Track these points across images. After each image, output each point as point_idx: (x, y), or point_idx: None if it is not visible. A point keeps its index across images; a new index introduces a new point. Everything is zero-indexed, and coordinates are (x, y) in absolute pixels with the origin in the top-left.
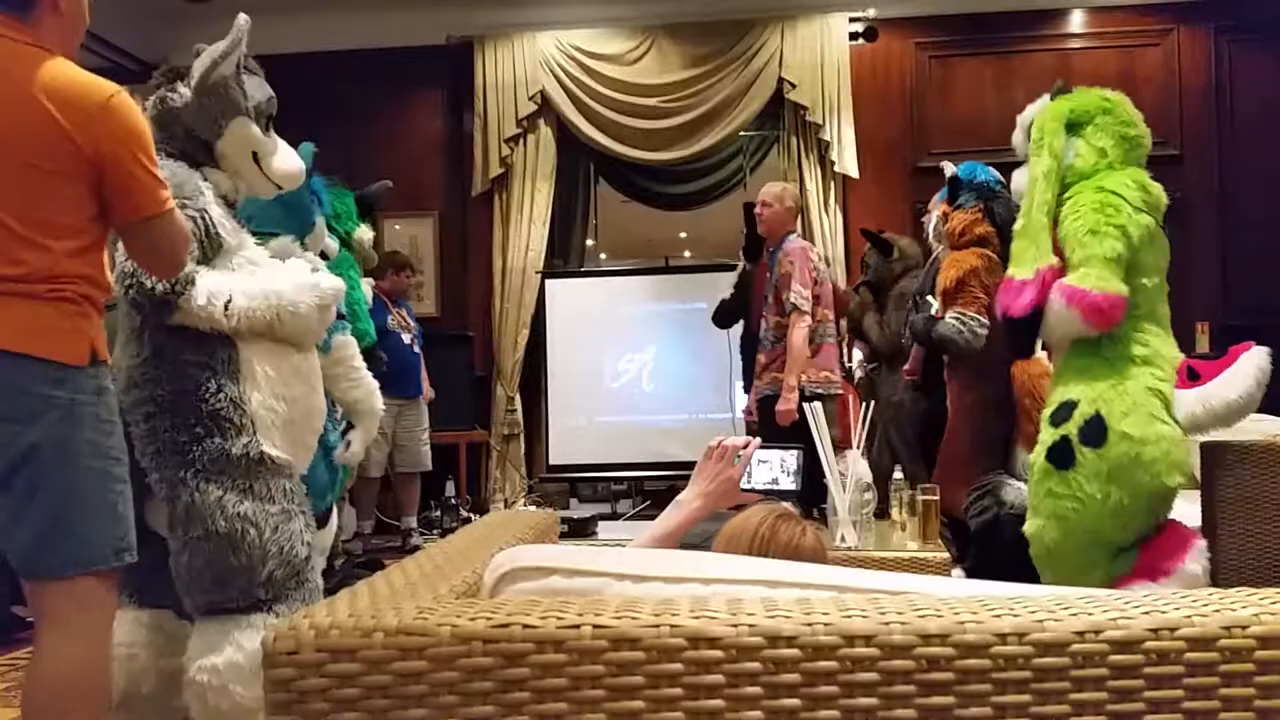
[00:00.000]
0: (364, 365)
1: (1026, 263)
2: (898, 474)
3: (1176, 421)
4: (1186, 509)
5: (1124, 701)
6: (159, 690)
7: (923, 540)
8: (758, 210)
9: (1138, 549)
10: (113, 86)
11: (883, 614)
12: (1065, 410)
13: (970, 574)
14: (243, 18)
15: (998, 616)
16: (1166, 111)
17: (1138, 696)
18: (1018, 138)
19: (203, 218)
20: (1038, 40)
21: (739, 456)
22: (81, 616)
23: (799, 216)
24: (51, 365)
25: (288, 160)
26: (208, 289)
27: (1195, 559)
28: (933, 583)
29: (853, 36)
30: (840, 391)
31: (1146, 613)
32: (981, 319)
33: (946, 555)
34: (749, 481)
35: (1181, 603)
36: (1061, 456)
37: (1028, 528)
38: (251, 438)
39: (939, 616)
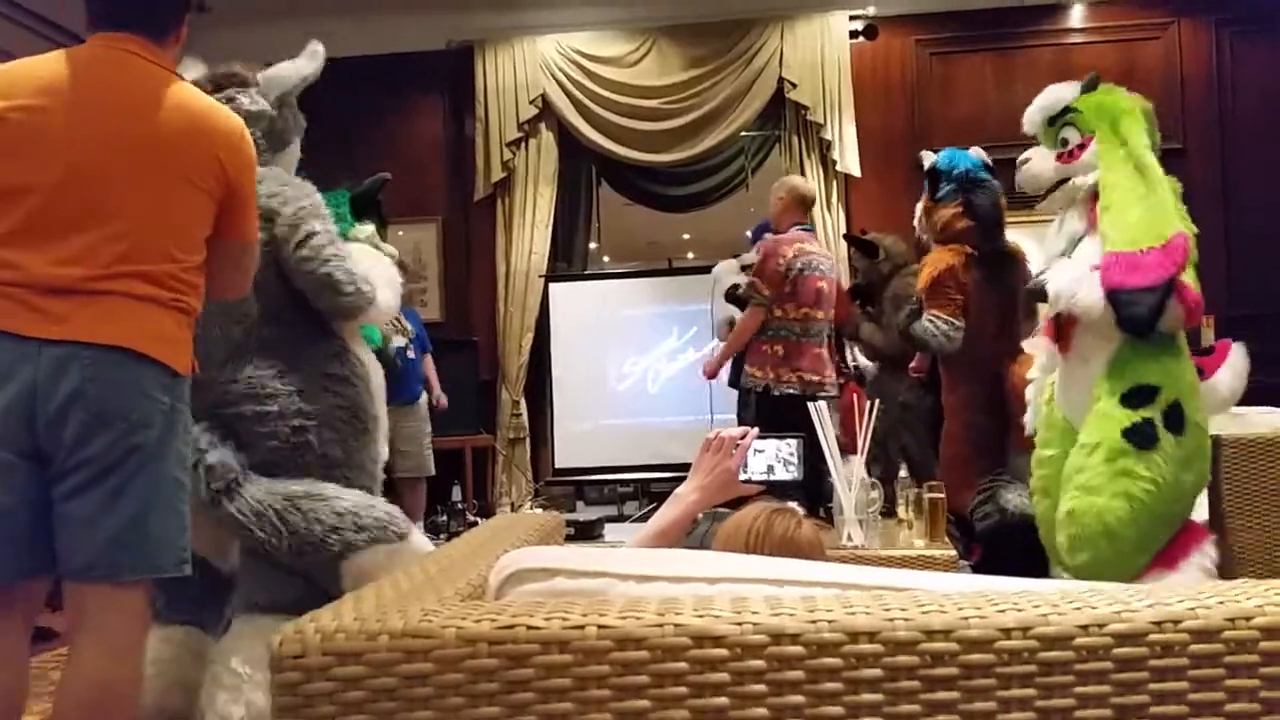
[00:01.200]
0: None
1: (1159, 232)
2: (903, 473)
3: None
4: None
5: (1128, 694)
6: (182, 706)
7: (930, 538)
8: None
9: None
10: (240, 119)
11: (886, 610)
12: (1145, 393)
13: (978, 573)
14: (320, 47)
15: (1001, 611)
16: (1168, 104)
17: (1142, 689)
18: (1036, 117)
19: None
20: (1038, 35)
21: (736, 447)
22: (123, 625)
23: (802, 206)
24: (166, 371)
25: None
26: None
27: (1205, 554)
28: (936, 578)
29: (853, 35)
30: (831, 393)
31: (1150, 605)
32: (955, 321)
33: (953, 553)
34: (747, 472)
35: (1185, 595)
36: (1144, 437)
37: (1074, 504)
38: (382, 462)
39: (943, 612)
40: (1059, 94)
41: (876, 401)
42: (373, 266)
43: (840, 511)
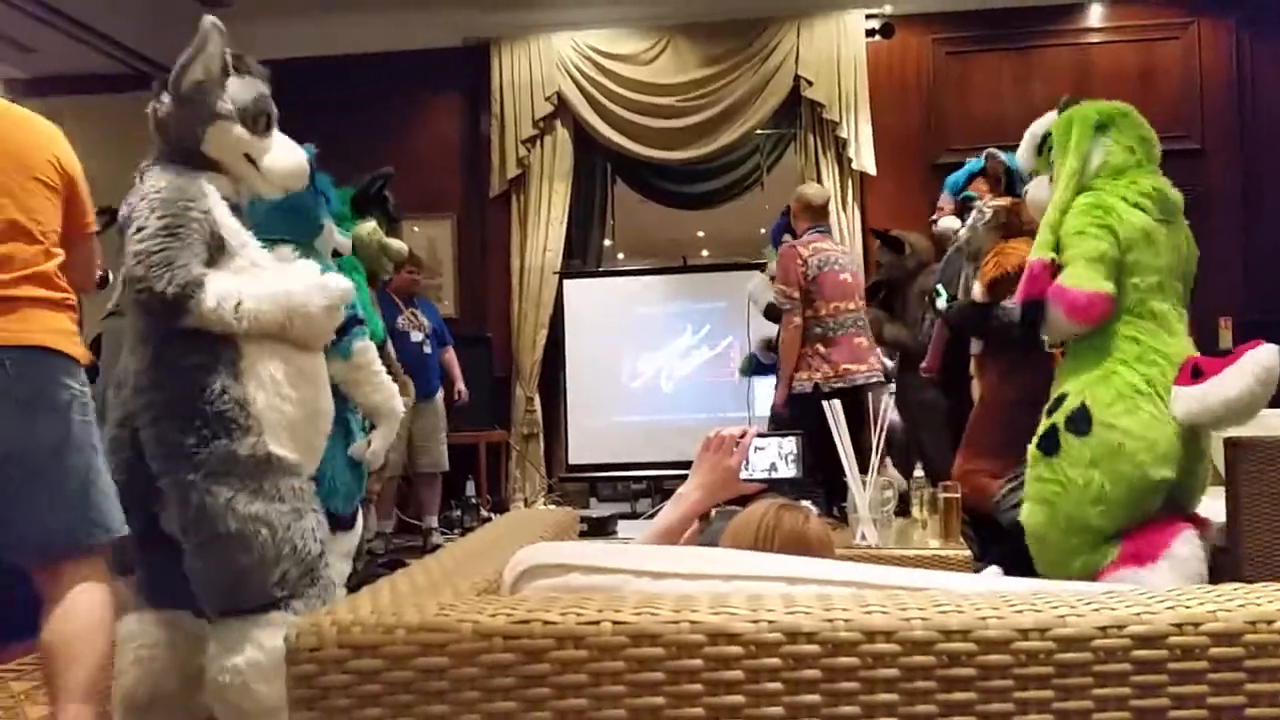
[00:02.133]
0: (383, 369)
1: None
2: (918, 472)
3: (1171, 417)
4: (1211, 505)
5: (1148, 696)
6: (181, 690)
7: (944, 538)
8: None
9: (1120, 540)
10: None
11: (903, 610)
12: (1057, 402)
13: (1002, 567)
14: (208, 20)
15: (1019, 612)
16: (1187, 105)
17: (1161, 692)
18: (1024, 153)
19: (207, 219)
20: (1056, 35)
21: (737, 446)
22: (95, 577)
23: (811, 211)
24: (72, 361)
25: (285, 158)
26: (217, 291)
27: (1183, 543)
28: (953, 578)
29: (869, 33)
30: (879, 379)
31: (1170, 607)
32: None
33: (968, 553)
34: (748, 470)
35: (1206, 597)
36: (1049, 444)
37: (1020, 514)
38: (259, 438)
39: (960, 612)
40: (1042, 124)
41: (890, 400)
42: (271, 279)
43: (854, 510)
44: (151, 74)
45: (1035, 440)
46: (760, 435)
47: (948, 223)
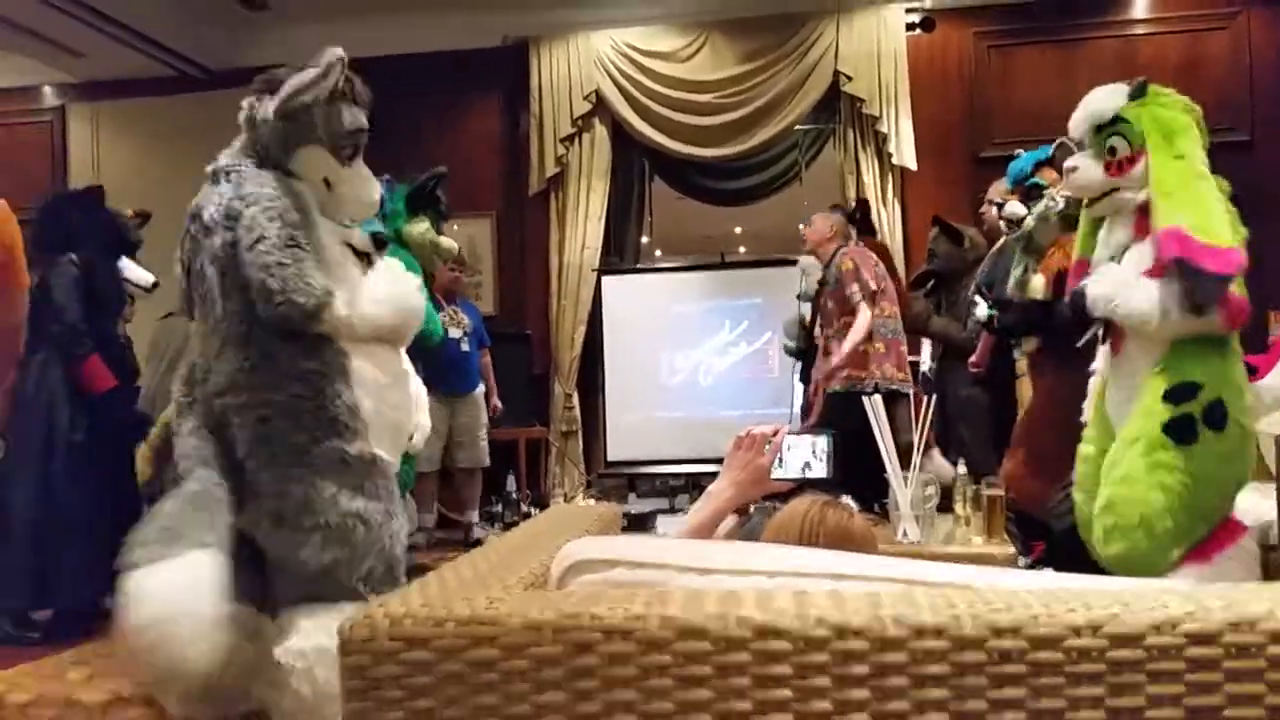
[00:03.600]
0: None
1: (1229, 235)
2: (961, 468)
3: None
4: (1261, 503)
5: (1202, 695)
6: (236, 683)
7: (988, 535)
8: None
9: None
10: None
11: (953, 608)
12: (1188, 390)
13: (1045, 565)
14: (335, 52)
15: (1071, 610)
16: (1236, 96)
17: (1216, 691)
18: (1080, 124)
19: (316, 229)
20: (1100, 26)
21: (769, 444)
22: None
23: (839, 235)
24: None
25: (361, 193)
26: (344, 300)
27: (1241, 548)
28: (1001, 575)
29: (909, 27)
30: (912, 390)
31: (1226, 606)
32: None
33: (1012, 550)
34: (780, 468)
35: (1262, 595)
36: (1183, 432)
37: (1111, 494)
38: (365, 441)
39: (1010, 610)
40: (1107, 101)
41: (934, 398)
42: (381, 283)
43: (896, 507)
44: (196, 76)
45: (1158, 424)
46: (792, 433)
47: (1014, 208)
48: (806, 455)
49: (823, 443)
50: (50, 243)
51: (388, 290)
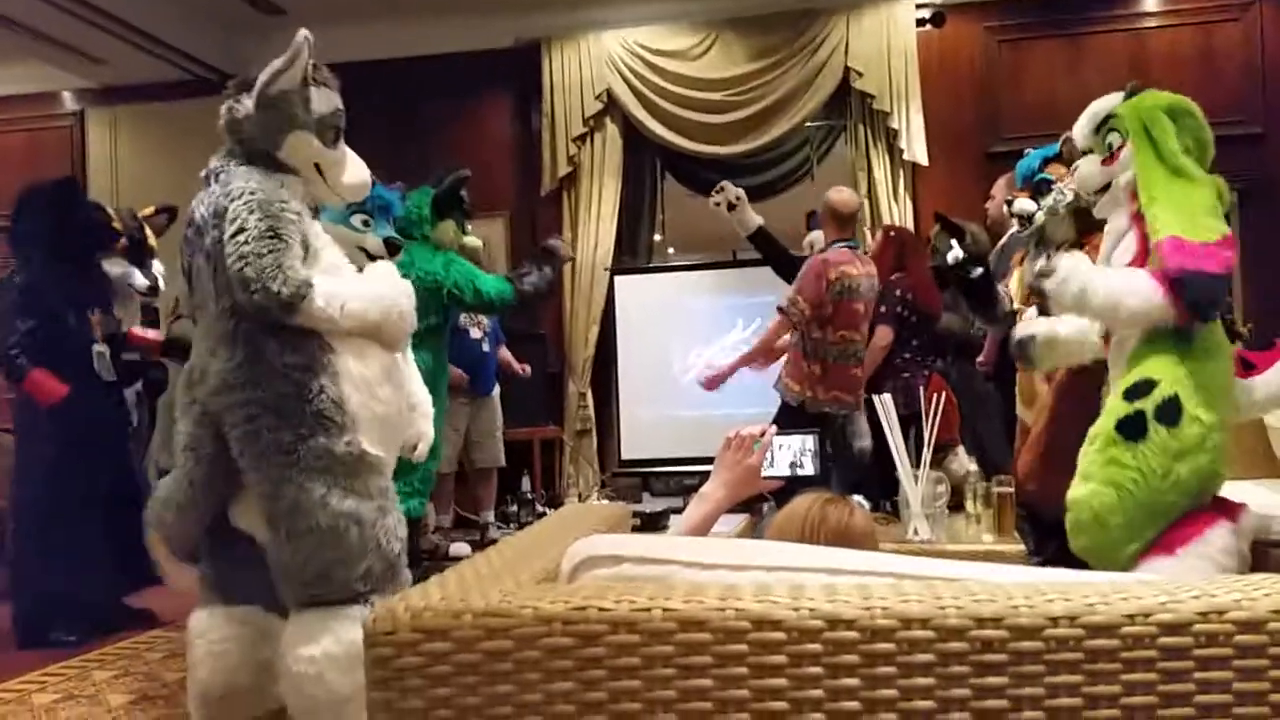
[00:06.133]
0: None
1: (1212, 230)
2: (972, 465)
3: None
4: (1270, 496)
5: (1174, 682)
6: (253, 683)
7: (999, 533)
8: None
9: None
10: None
11: (938, 599)
12: (1144, 387)
13: (1058, 564)
14: (302, 33)
15: (1050, 601)
16: (1248, 89)
17: (1187, 678)
18: (1082, 128)
19: (300, 221)
20: (1111, 20)
21: (757, 444)
22: None
23: (838, 221)
24: None
25: (352, 173)
26: (324, 291)
27: (1218, 534)
28: (989, 569)
29: (920, 23)
30: (857, 410)
31: (1196, 596)
32: None
33: (1022, 548)
34: (770, 467)
35: (1233, 587)
36: (1133, 429)
37: (1072, 492)
38: (353, 436)
39: (993, 601)
40: (1104, 103)
41: (943, 396)
42: (369, 281)
43: (907, 506)
44: (213, 80)
45: (1113, 421)
46: (780, 433)
47: (1024, 204)
48: (795, 454)
49: (811, 442)
50: (21, 238)
51: (375, 289)
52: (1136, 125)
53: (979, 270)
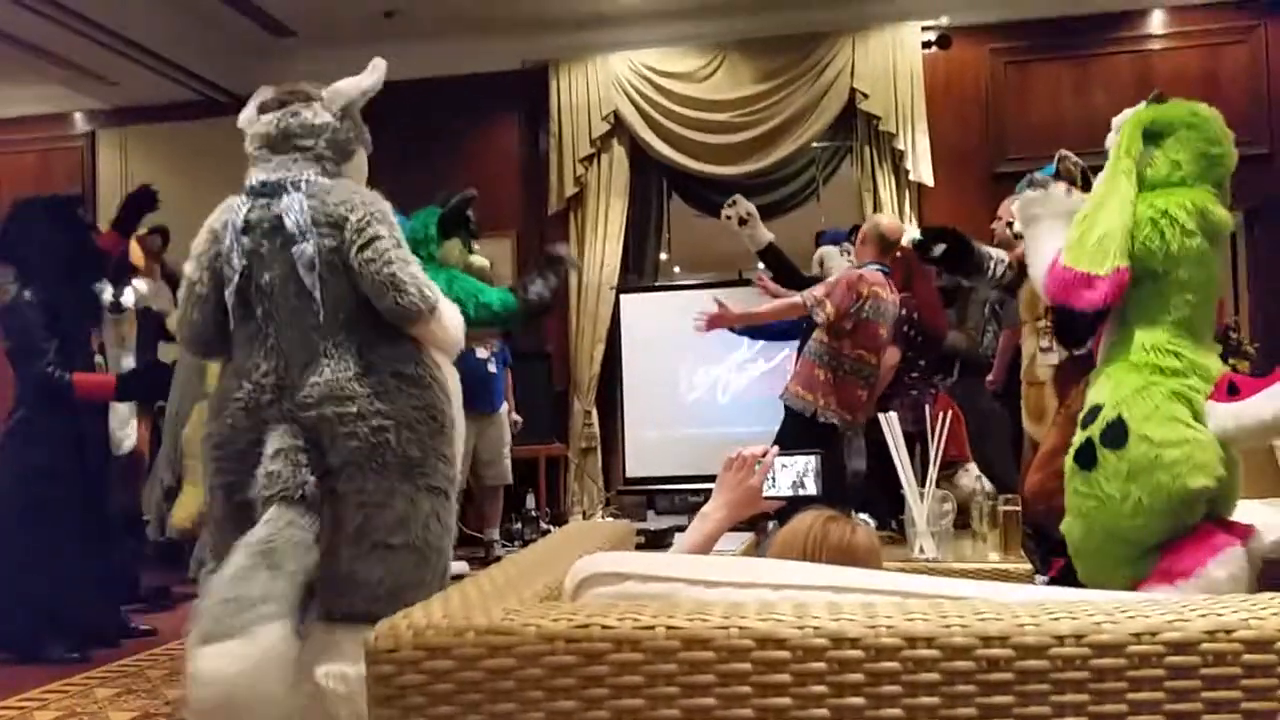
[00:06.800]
0: None
1: (1103, 259)
2: (986, 483)
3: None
4: (1275, 516)
5: (1181, 702)
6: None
7: (1004, 551)
8: None
9: (1160, 552)
10: None
11: (944, 617)
12: (1091, 415)
13: (1064, 582)
14: (381, 61)
15: (1056, 619)
16: (1254, 109)
17: (1195, 697)
18: (1112, 139)
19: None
20: (1116, 43)
21: (759, 465)
22: None
23: (881, 245)
24: None
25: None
26: (446, 304)
27: (1222, 564)
28: (994, 588)
29: (926, 45)
30: (853, 430)
31: (1203, 615)
32: None
33: (1029, 566)
34: (772, 488)
35: (1240, 606)
36: (1086, 458)
37: (1062, 525)
38: (458, 462)
39: (999, 619)
40: (1120, 117)
41: (948, 414)
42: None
43: (912, 524)
44: (222, 101)
45: (1071, 454)
46: (782, 454)
47: None
48: (797, 474)
49: (813, 462)
50: (7, 254)
51: (452, 306)
52: (1114, 139)
53: (941, 247)
